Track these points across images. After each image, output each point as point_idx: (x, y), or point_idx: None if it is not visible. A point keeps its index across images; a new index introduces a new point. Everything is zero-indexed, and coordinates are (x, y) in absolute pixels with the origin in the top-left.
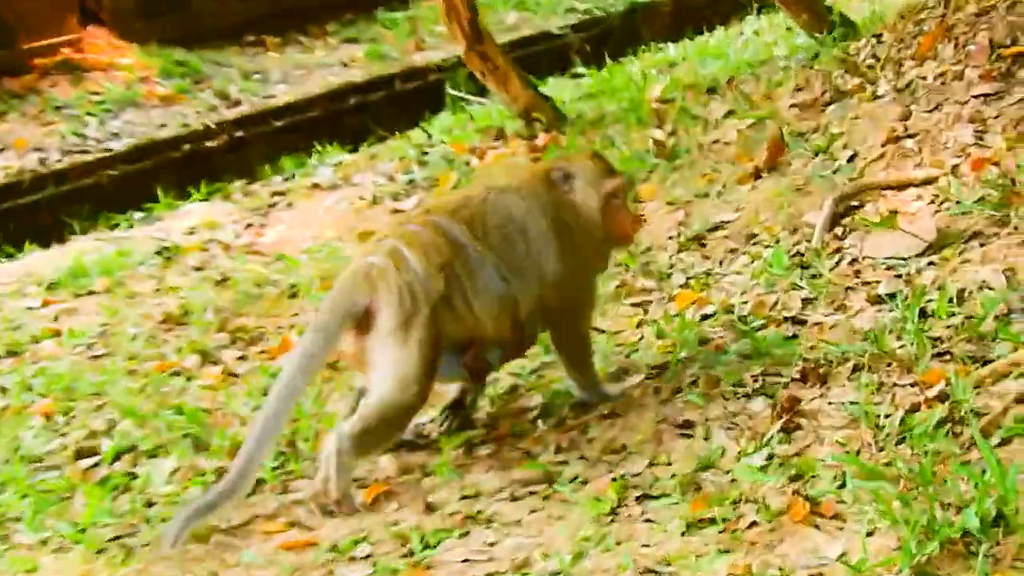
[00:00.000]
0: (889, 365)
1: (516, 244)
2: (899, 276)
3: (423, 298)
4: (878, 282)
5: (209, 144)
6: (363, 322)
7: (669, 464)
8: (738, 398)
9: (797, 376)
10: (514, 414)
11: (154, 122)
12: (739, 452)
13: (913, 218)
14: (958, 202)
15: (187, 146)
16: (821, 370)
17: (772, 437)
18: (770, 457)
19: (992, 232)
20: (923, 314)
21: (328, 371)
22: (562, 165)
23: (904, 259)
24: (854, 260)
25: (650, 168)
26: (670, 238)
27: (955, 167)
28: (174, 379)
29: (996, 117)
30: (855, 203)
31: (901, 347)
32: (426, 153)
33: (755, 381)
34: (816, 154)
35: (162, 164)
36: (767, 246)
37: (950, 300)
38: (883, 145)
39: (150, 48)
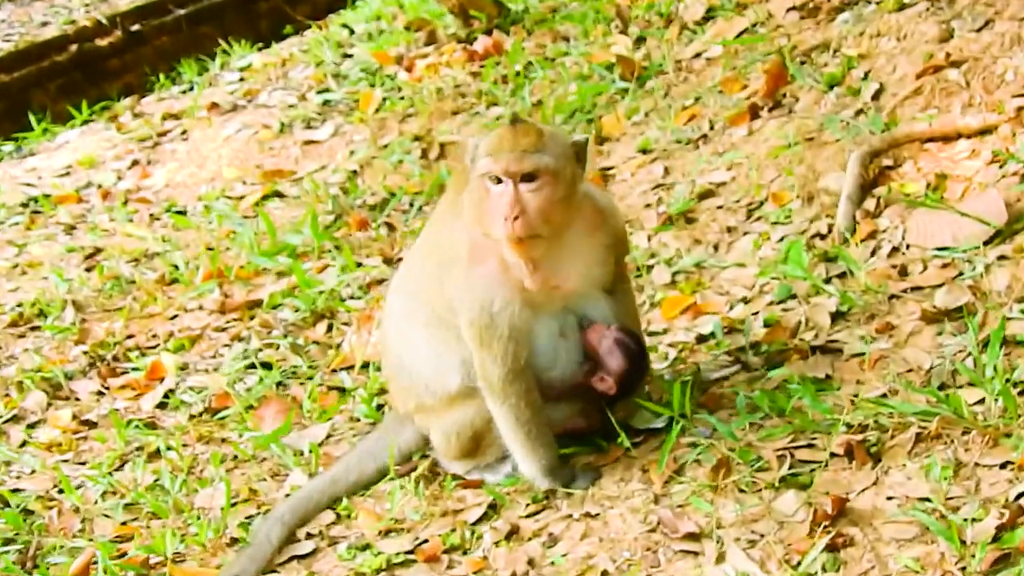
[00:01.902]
0: (966, 432)
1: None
2: (960, 276)
3: None
4: (933, 288)
5: (99, 43)
6: None
7: None
8: (759, 490)
9: (839, 451)
10: (450, 514)
11: (35, 19)
12: None
13: (969, 187)
14: None
15: (73, 47)
16: (871, 442)
17: (815, 559)
18: None
19: None
20: (1003, 342)
21: None
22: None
23: (963, 251)
24: (895, 250)
25: (615, 93)
26: (647, 206)
27: (1020, 111)
28: (10, 429)
29: None
30: (889, 161)
31: (980, 403)
32: (348, 56)
33: (781, 461)
34: (831, 86)
35: (44, 72)
36: (775, 223)
37: None
38: (918, 77)
39: None
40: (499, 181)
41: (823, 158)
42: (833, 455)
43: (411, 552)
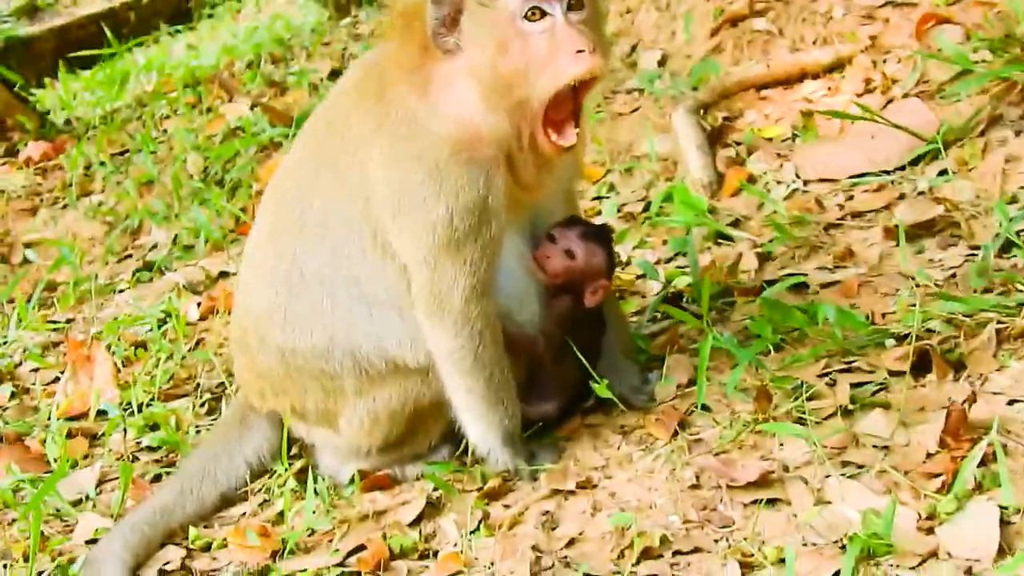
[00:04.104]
0: None
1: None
2: (902, 198)
3: None
4: (877, 212)
5: None
6: None
7: None
8: (827, 418)
9: (898, 368)
10: (371, 518)
11: None
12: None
13: (845, 122)
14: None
15: None
16: (944, 348)
17: (968, 476)
18: None
19: (1017, 115)
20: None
21: None
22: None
23: (890, 173)
24: (795, 192)
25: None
26: None
27: (874, 39)
28: None
29: None
30: (724, 113)
31: None
32: None
33: (829, 387)
34: None
35: None
36: (596, 197)
37: None
38: (714, 34)
39: None
40: (542, 15)
41: (625, 129)
42: (892, 373)
43: (342, 564)
